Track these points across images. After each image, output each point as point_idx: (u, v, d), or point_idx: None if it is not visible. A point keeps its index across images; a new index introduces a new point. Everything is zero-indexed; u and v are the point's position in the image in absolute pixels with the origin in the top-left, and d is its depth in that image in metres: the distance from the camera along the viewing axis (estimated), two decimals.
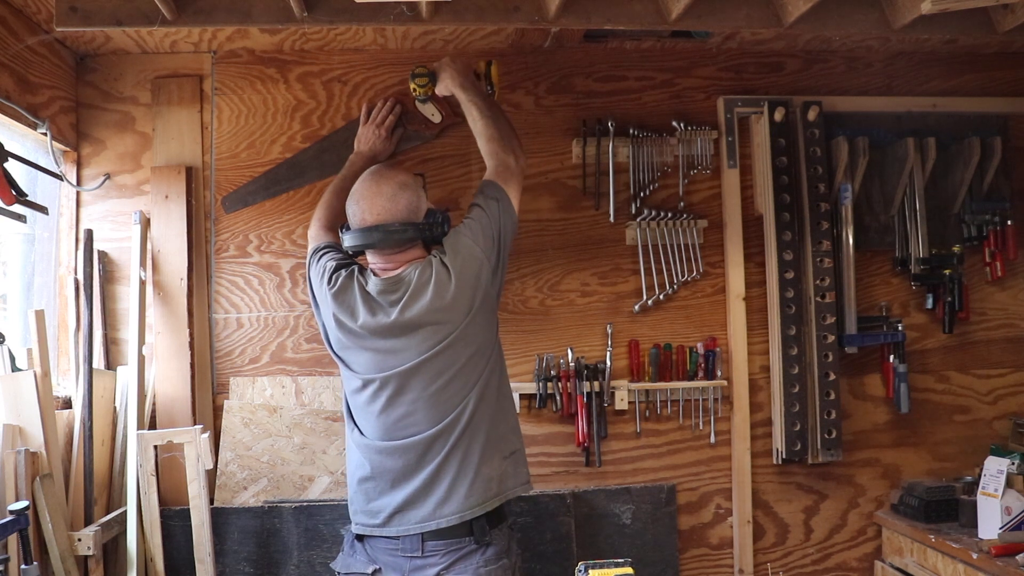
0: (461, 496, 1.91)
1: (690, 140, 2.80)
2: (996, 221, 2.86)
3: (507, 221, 2.08)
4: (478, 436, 1.95)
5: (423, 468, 1.94)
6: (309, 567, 2.50)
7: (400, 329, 1.96)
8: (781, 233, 2.73)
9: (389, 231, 1.99)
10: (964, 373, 2.92)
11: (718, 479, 2.78)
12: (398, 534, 1.93)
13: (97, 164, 2.69)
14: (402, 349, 1.96)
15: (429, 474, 1.93)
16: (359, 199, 2.03)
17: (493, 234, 2.04)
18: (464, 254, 1.99)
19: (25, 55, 2.33)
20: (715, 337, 2.78)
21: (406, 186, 2.04)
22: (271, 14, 2.10)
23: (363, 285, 2.01)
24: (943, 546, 2.44)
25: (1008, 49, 2.91)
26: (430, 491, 1.92)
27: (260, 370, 2.68)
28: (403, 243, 2.02)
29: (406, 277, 1.99)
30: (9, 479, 2.04)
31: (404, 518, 1.94)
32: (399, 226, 1.99)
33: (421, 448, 1.94)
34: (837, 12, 2.23)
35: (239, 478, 2.59)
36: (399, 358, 1.95)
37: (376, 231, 1.99)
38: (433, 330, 1.95)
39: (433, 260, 1.99)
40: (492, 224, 2.04)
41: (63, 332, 2.61)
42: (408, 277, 1.99)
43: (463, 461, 1.93)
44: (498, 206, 2.07)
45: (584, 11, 2.16)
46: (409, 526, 1.93)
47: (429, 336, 1.95)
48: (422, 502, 1.93)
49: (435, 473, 1.93)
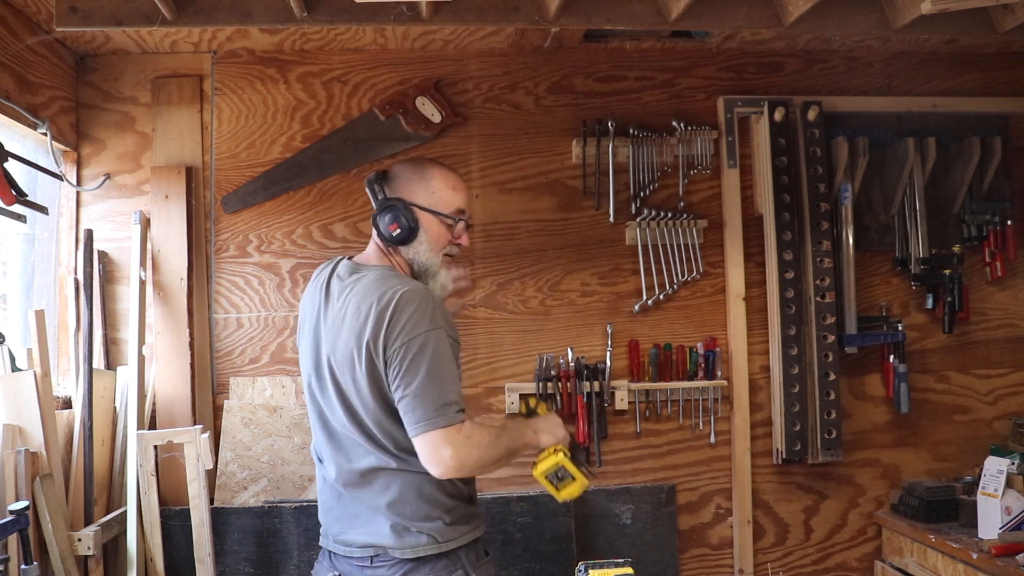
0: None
1: (690, 140, 2.80)
2: (996, 221, 2.86)
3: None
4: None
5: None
6: (309, 567, 2.48)
7: None
8: (781, 233, 2.73)
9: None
10: (964, 373, 2.92)
11: (718, 479, 2.78)
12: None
13: (97, 164, 2.69)
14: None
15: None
16: (457, 182, 1.83)
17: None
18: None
19: (25, 55, 2.33)
20: (715, 337, 2.78)
21: None
22: (271, 14, 2.10)
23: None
24: (943, 546, 2.44)
25: (1008, 49, 2.91)
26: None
27: (260, 370, 2.68)
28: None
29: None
30: (9, 479, 2.04)
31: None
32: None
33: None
34: (837, 12, 2.23)
35: (239, 478, 2.58)
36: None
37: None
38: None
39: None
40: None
41: (63, 332, 2.61)
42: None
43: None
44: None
45: (584, 11, 2.17)
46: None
47: None
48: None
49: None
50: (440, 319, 1.64)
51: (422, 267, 1.79)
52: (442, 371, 1.60)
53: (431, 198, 1.78)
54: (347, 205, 2.74)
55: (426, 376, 1.58)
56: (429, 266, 1.79)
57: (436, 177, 1.80)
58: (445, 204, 1.79)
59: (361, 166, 2.73)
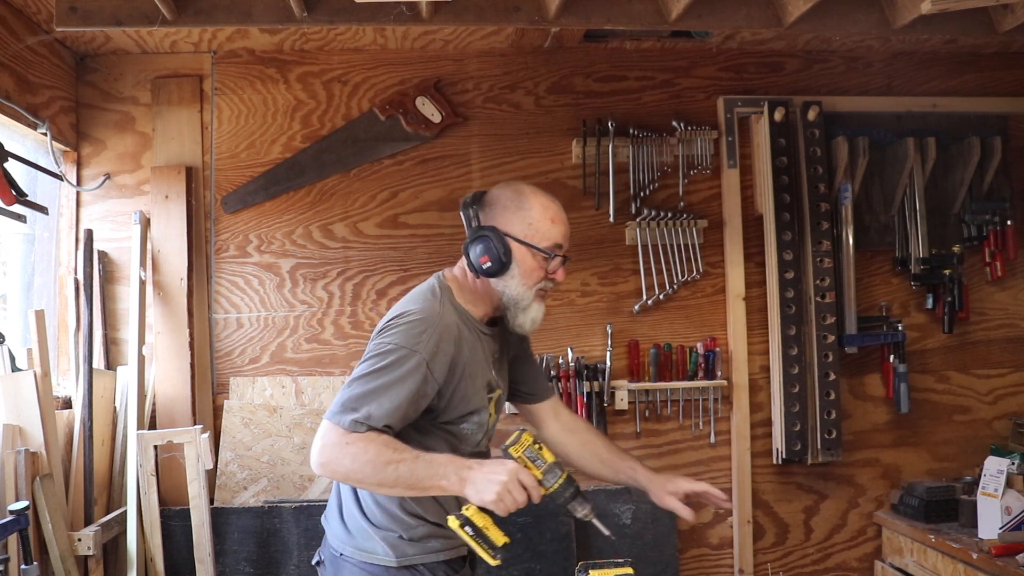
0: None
1: (690, 140, 2.80)
2: (996, 221, 2.85)
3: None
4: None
5: None
6: (309, 567, 2.49)
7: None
8: (781, 233, 2.73)
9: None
10: (964, 373, 2.92)
11: (718, 479, 2.78)
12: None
13: (97, 164, 2.69)
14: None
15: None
16: (557, 214, 1.68)
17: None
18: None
19: (25, 55, 2.33)
20: (715, 337, 2.77)
21: None
22: (271, 14, 2.10)
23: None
24: (943, 546, 2.43)
25: (1008, 49, 2.91)
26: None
27: (260, 370, 2.68)
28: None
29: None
30: (9, 479, 2.04)
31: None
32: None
33: None
34: (837, 12, 2.23)
35: (239, 478, 2.58)
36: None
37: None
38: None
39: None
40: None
41: (63, 332, 2.61)
42: None
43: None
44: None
45: (584, 11, 2.17)
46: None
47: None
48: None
49: None
50: (427, 348, 1.52)
51: (511, 300, 1.65)
52: (378, 384, 1.48)
53: (527, 230, 1.63)
54: (347, 205, 2.74)
55: (362, 376, 1.50)
56: (519, 300, 1.65)
57: (535, 207, 1.65)
58: (542, 237, 1.63)
59: (361, 166, 2.74)
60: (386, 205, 2.74)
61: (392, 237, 2.74)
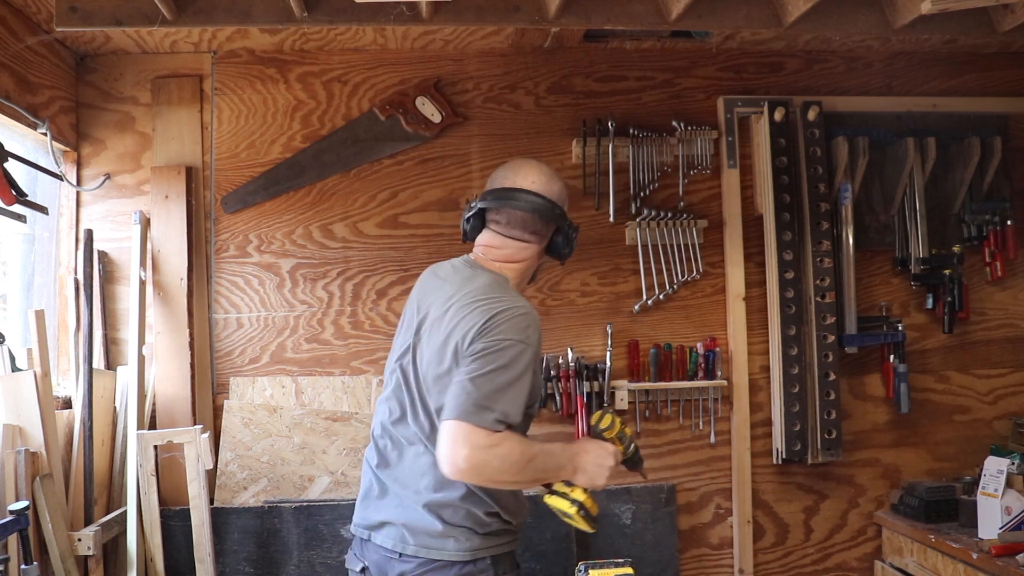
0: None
1: (690, 140, 2.80)
2: (996, 221, 2.85)
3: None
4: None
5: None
6: (309, 567, 2.50)
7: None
8: (781, 233, 2.73)
9: (549, 203, 1.75)
10: (964, 373, 2.92)
11: (718, 479, 2.78)
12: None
13: (97, 164, 2.69)
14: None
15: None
16: (517, 166, 1.80)
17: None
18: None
19: (25, 55, 2.33)
20: (715, 337, 2.77)
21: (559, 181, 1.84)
22: (271, 14, 2.10)
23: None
24: (943, 546, 2.43)
25: (1008, 49, 2.91)
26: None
27: (260, 370, 2.68)
28: (535, 229, 1.76)
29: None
30: (9, 479, 2.04)
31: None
32: (550, 203, 1.75)
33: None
34: (837, 12, 2.23)
35: (239, 478, 2.58)
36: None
37: (531, 195, 1.74)
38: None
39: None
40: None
41: (63, 332, 2.61)
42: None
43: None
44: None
45: (584, 11, 2.17)
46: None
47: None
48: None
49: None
50: (534, 341, 1.58)
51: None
52: (508, 382, 1.51)
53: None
54: (347, 205, 2.74)
55: (485, 374, 1.50)
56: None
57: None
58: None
59: (361, 166, 2.74)
60: (386, 205, 2.74)
61: (392, 237, 2.74)
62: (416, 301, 1.78)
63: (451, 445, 1.46)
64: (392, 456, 1.72)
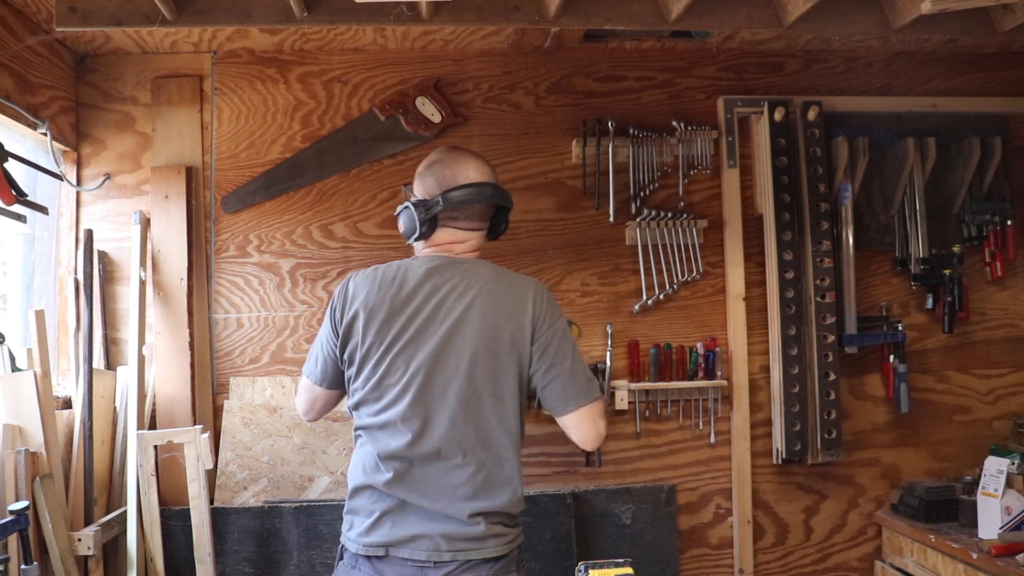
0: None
1: (690, 140, 2.80)
2: (996, 221, 2.85)
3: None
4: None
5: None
6: (309, 567, 2.50)
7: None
8: (781, 233, 2.73)
9: (500, 189, 1.85)
10: (964, 373, 2.92)
11: (718, 479, 2.78)
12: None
13: (97, 164, 2.69)
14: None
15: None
16: (455, 162, 1.85)
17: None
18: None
19: (25, 55, 2.34)
20: (715, 337, 2.78)
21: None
22: (271, 14, 2.10)
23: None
24: (943, 546, 2.44)
25: (1008, 49, 2.91)
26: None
27: (260, 370, 2.68)
28: (487, 216, 1.90)
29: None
30: (9, 479, 2.04)
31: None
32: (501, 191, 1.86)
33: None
34: (837, 12, 2.23)
35: (239, 478, 2.59)
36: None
37: (488, 186, 1.83)
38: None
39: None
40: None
41: (63, 332, 2.61)
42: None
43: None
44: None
45: (584, 11, 2.17)
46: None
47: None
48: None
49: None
50: (559, 307, 1.83)
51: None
52: (579, 352, 1.79)
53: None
54: (347, 205, 2.74)
55: (574, 355, 1.76)
56: None
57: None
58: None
59: (361, 166, 2.74)
60: (386, 205, 2.74)
61: (392, 237, 2.74)
62: (409, 311, 1.74)
63: (592, 425, 1.75)
64: (408, 473, 1.71)
